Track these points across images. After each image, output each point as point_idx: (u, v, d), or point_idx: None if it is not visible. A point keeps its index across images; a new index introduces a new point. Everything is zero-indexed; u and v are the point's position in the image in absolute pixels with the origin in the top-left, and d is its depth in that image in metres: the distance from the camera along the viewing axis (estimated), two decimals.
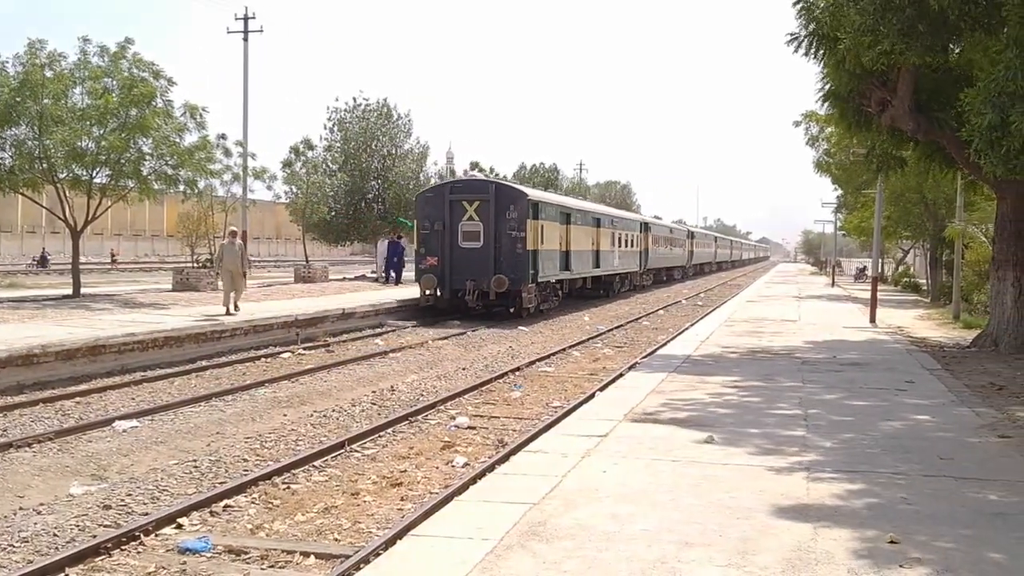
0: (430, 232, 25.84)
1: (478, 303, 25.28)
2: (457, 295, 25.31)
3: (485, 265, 25.24)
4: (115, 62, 22.86)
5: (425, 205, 26.60)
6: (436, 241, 25.66)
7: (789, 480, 7.56)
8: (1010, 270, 17.58)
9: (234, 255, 20.52)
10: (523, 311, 25.91)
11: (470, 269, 25.21)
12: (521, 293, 25.63)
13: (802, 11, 17.16)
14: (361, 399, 13.32)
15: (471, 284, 25.02)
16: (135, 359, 15.54)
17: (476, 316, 25.25)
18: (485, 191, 26.25)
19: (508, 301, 25.67)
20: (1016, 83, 12.81)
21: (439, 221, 25.69)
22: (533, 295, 26.52)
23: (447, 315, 25.48)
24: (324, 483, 8.90)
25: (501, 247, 25.46)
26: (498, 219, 25.53)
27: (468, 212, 25.72)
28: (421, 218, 26.52)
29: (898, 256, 60.77)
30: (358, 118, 39.57)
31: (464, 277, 25.16)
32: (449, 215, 25.69)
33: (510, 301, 25.71)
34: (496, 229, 25.47)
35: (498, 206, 25.62)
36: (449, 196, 26.12)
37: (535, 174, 67.76)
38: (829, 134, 34.84)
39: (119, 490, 8.49)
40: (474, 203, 25.75)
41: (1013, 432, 9.73)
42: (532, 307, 26.51)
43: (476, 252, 25.40)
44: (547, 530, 6.17)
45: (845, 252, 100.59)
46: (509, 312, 25.84)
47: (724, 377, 13.53)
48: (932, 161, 19.90)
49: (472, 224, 25.67)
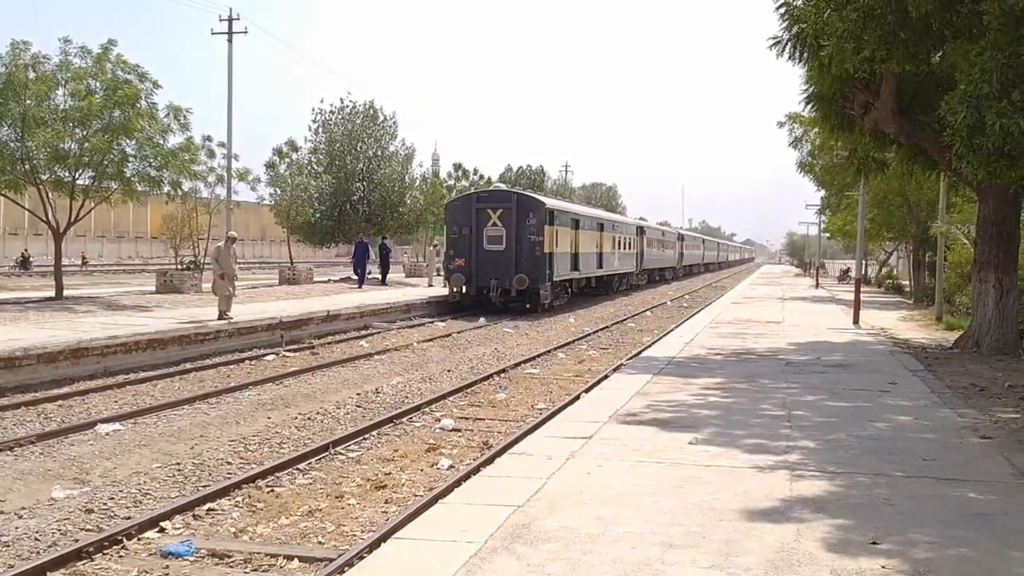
0: (458, 236, 28.91)
1: (501, 299, 28.17)
2: (482, 292, 28.29)
3: (508, 266, 28.20)
4: (98, 63, 22.73)
5: (454, 212, 29.80)
6: (463, 244, 28.62)
7: (773, 481, 7.59)
8: (992, 272, 17.69)
9: (231, 259, 20.26)
10: (539, 307, 28.77)
11: (494, 269, 28.23)
12: (539, 291, 28.55)
13: (785, 15, 17.24)
14: (346, 401, 13.29)
15: (495, 283, 28.09)
16: (118, 362, 15.46)
17: (497, 311, 27.93)
18: (508, 200, 29.27)
19: (527, 298, 28.56)
20: (990, 84, 12.91)
21: (466, 227, 28.68)
22: (549, 292, 29.40)
23: (472, 310, 28.12)
24: (308, 486, 8.87)
25: (522, 250, 28.36)
26: (519, 225, 28.45)
27: (492, 219, 28.69)
28: (450, 224, 29.58)
29: (881, 258, 61.07)
30: (344, 120, 39.47)
31: (489, 276, 28.22)
32: (475, 221, 28.67)
33: (528, 298, 28.56)
34: (517, 234, 28.40)
35: (519, 213, 28.60)
36: (476, 204, 29.27)
37: (521, 176, 67.79)
38: (813, 136, 34.99)
39: (101, 494, 8.44)
40: (498, 211, 28.74)
41: (995, 433, 9.80)
42: (547, 303, 29.33)
43: (499, 254, 28.37)
44: (531, 532, 6.18)
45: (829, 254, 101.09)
46: (526, 308, 28.70)
47: (708, 379, 13.57)
48: (914, 163, 20.02)
49: (496, 229, 28.62)
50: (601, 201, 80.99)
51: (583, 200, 73.18)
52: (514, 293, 28.25)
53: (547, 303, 29.32)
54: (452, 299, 28.73)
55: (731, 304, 34.05)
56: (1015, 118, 12.65)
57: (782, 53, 17.52)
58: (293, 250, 41.02)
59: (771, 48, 17.66)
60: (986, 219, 18.15)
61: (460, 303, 28.63)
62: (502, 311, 28.09)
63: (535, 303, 28.75)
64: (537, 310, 28.69)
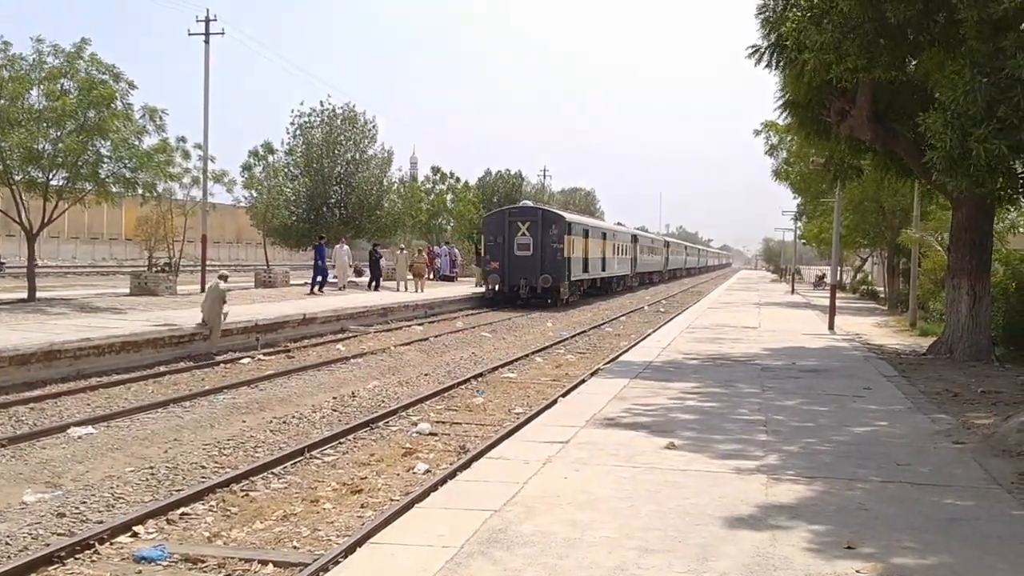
0: (494, 244, 34.81)
1: (527, 295, 33.88)
2: (513, 289, 34.03)
3: (534, 268, 34.17)
4: (71, 63, 22.49)
5: (490, 224, 36.03)
6: (498, 250, 34.56)
7: (749, 486, 7.62)
8: (965, 279, 17.85)
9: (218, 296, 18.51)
10: (560, 302, 34.82)
11: (523, 271, 34.12)
12: (559, 288, 34.70)
13: (764, 22, 17.35)
14: (322, 405, 13.22)
15: (524, 281, 33.98)
16: (91, 364, 15.29)
17: (522, 306, 33.20)
18: (535, 214, 35.62)
19: (549, 295, 34.30)
20: (975, 105, 13.01)
21: (500, 236, 34.64)
22: (567, 290, 35.75)
23: (503, 305, 33.37)
24: (283, 490, 8.81)
25: (545, 255, 34.30)
26: (543, 235, 34.45)
27: (521, 229, 34.72)
28: (487, 233, 35.78)
29: (856, 264, 61.55)
30: (322, 123, 39.29)
31: (518, 276, 34.05)
32: (508, 232, 34.67)
33: (550, 295, 34.36)
34: (542, 242, 34.34)
35: (543, 225, 34.72)
36: (508, 218, 35.49)
37: (499, 180, 67.79)
38: (789, 143, 35.25)
39: (74, 498, 8.34)
40: (526, 223, 34.83)
41: (968, 438, 9.89)
42: (566, 299, 35.67)
43: (527, 258, 34.27)
44: (508, 537, 6.16)
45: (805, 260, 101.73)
46: (547, 303, 34.12)
47: (685, 383, 13.62)
48: (889, 170, 20.20)
49: (524, 238, 34.57)
50: (580, 206, 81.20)
51: (562, 205, 74.46)
52: (539, 291, 33.99)
53: (565, 299, 35.44)
54: (488, 295, 34.38)
55: (708, 309, 34.21)
56: (998, 142, 12.76)
57: (760, 61, 17.67)
58: (269, 253, 40.82)
59: (750, 56, 17.80)
60: (960, 226, 18.32)
61: (493, 300, 34.01)
62: (528, 306, 33.25)
63: (556, 299, 34.51)
64: (557, 305, 34.37)
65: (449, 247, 49.19)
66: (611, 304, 39.47)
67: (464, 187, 56.77)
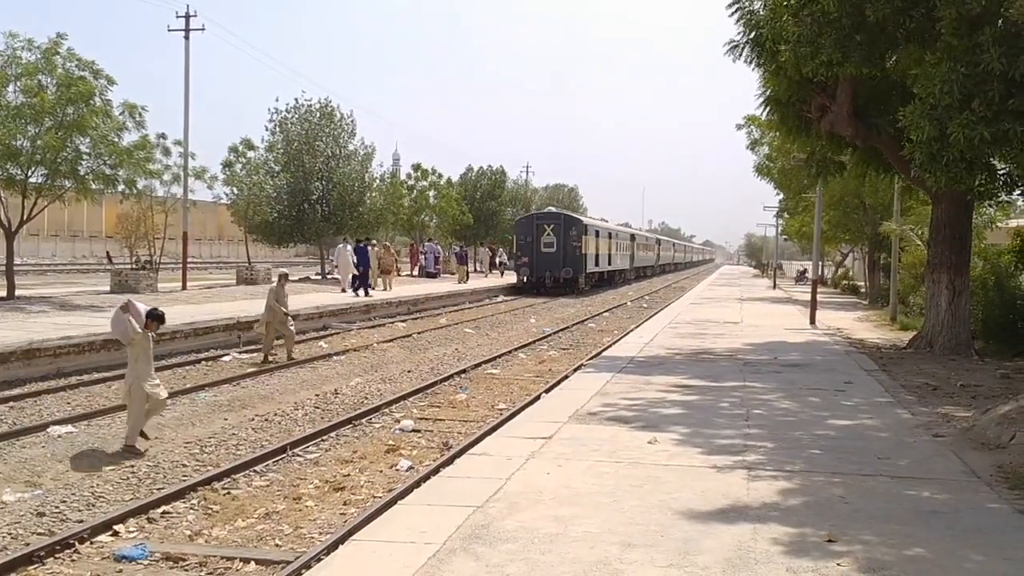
0: (524, 243, 42.47)
1: (552, 285, 40.96)
2: (540, 280, 41.28)
3: (557, 262, 41.52)
4: (47, 58, 22.29)
5: (521, 226, 44.03)
6: (527, 248, 42.01)
7: (730, 480, 7.66)
8: (944, 273, 17.98)
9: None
10: (578, 290, 42.29)
11: (548, 265, 41.47)
12: (578, 279, 42.42)
13: (741, 19, 17.40)
14: (304, 402, 13.18)
15: (548, 274, 41.33)
16: (71, 362, 15.18)
17: (546, 293, 40.25)
18: (558, 218, 43.31)
19: (569, 285, 41.57)
20: (952, 95, 13.12)
21: (529, 236, 42.19)
22: (583, 281, 43.53)
23: (531, 292, 40.46)
24: (265, 488, 8.78)
25: (567, 252, 41.75)
26: (565, 235, 41.92)
27: (547, 230, 42.07)
28: (518, 234, 44.05)
29: (838, 259, 61.87)
30: (300, 119, 39.08)
31: (544, 269, 41.43)
32: (535, 232, 42.08)
33: (570, 285, 41.61)
34: (564, 241, 41.76)
35: (565, 227, 42.25)
36: (536, 221, 43.14)
37: (482, 176, 67.65)
38: (770, 139, 35.35)
39: (53, 497, 8.29)
40: (551, 225, 42.34)
41: (947, 432, 9.97)
42: (583, 287, 43.36)
43: (551, 254, 41.69)
44: (490, 533, 6.17)
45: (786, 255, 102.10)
46: (568, 291, 41.04)
47: (667, 378, 13.66)
48: (870, 166, 20.29)
49: (549, 238, 41.91)
50: (563, 202, 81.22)
51: (545, 200, 77.97)
52: (561, 281, 41.18)
53: (583, 287, 43.30)
54: (519, 284, 41.82)
55: (690, 304, 34.32)
56: (978, 128, 12.89)
57: (739, 57, 17.72)
58: (251, 250, 40.59)
59: (728, 53, 17.86)
60: (939, 221, 18.45)
61: (522, 289, 41.12)
62: (553, 293, 40.27)
63: (575, 288, 41.88)
64: (575, 292, 41.59)
65: (432, 244, 49.12)
66: (616, 292, 47.52)
67: (447, 184, 56.65)
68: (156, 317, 10.44)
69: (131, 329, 10.06)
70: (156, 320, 10.46)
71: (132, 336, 10.09)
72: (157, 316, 10.46)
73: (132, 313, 10.11)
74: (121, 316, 10.11)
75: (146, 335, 10.29)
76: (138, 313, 10.18)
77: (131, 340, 10.12)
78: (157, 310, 10.53)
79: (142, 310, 10.27)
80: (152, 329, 10.46)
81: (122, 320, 10.08)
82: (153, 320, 10.38)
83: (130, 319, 10.08)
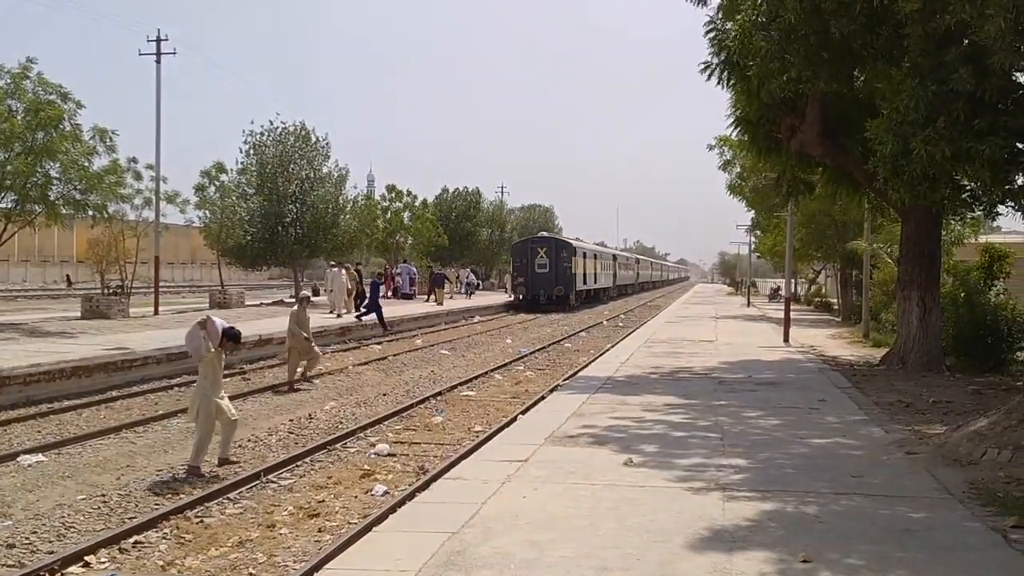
0: (520, 264, 46.77)
1: (545, 302, 44.65)
2: (534, 298, 45.15)
3: (550, 281, 45.74)
4: (17, 82, 22.13)
5: (517, 250, 48.83)
6: (523, 269, 46.23)
7: (706, 501, 7.66)
8: (915, 290, 18.15)
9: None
10: (569, 306, 46.11)
11: (542, 284, 45.62)
12: (569, 296, 46.73)
13: (713, 40, 17.59)
14: (278, 428, 13.07)
15: (542, 292, 45.30)
16: (41, 390, 14.97)
17: (540, 309, 43.73)
18: (550, 242, 48.15)
19: (561, 301, 45.50)
20: (917, 112, 13.30)
21: (524, 258, 46.52)
22: (574, 298, 47.76)
23: (525, 309, 44.05)
24: (239, 516, 8.68)
25: (559, 272, 46.05)
26: (557, 257, 46.35)
27: (540, 253, 46.45)
28: (514, 256, 48.53)
29: (810, 276, 62.35)
30: (275, 141, 38.95)
31: (538, 288, 45.45)
32: (530, 255, 46.37)
33: (562, 302, 45.51)
34: (555, 262, 46.13)
35: (557, 250, 46.92)
36: (530, 245, 47.79)
37: (457, 197, 67.74)
38: (742, 158, 35.65)
39: (24, 527, 8.15)
40: (544, 248, 46.91)
41: (920, 449, 10.03)
42: (573, 304, 47.26)
43: (545, 274, 45.83)
44: (466, 559, 6.13)
45: (760, 273, 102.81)
46: (560, 308, 44.69)
47: (643, 398, 13.68)
48: (839, 185, 20.50)
49: (542, 259, 46.16)
50: (538, 223, 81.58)
51: (521, 221, 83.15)
52: (553, 298, 45.18)
53: (573, 304, 47.35)
54: (515, 301, 45.73)
55: (666, 323, 34.46)
56: (940, 145, 13.06)
57: (711, 77, 17.89)
58: (224, 273, 40.32)
59: (702, 72, 18.03)
60: (909, 238, 18.64)
61: (518, 306, 44.88)
62: (546, 310, 43.60)
63: (566, 304, 45.95)
64: (567, 308, 45.52)
65: (407, 265, 48.97)
66: (603, 308, 50.84)
67: (422, 205, 56.64)
68: (232, 337, 10.55)
69: (204, 347, 10.22)
70: (232, 340, 10.56)
71: (204, 354, 10.24)
72: (233, 336, 10.58)
73: (208, 330, 10.27)
74: (197, 332, 10.27)
75: (219, 353, 10.42)
76: (215, 330, 10.32)
77: (202, 357, 10.27)
78: (234, 329, 10.67)
79: (219, 327, 10.38)
80: (226, 348, 10.58)
81: (197, 336, 10.25)
82: (229, 340, 10.49)
83: (205, 336, 10.22)
